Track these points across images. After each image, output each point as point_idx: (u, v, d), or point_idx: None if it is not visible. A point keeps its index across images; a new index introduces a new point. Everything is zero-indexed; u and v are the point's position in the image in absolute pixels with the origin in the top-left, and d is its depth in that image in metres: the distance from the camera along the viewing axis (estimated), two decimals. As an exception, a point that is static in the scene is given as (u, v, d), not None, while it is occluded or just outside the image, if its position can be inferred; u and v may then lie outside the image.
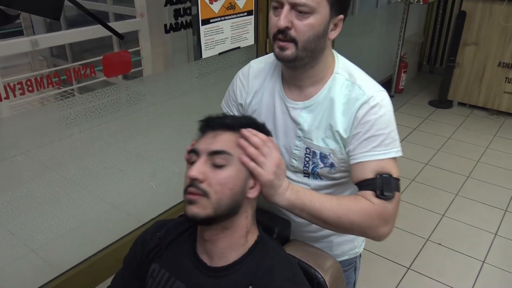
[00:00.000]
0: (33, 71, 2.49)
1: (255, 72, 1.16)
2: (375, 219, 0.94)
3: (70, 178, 1.94)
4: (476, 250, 2.48)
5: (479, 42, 4.19)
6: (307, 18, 0.94)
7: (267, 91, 1.12)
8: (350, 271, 1.34)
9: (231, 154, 0.86)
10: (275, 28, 0.96)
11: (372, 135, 0.98)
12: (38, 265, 1.95)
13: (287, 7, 0.94)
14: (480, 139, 3.84)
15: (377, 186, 0.94)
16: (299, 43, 0.95)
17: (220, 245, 0.89)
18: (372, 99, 1.00)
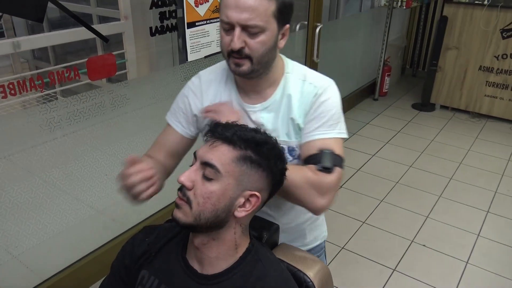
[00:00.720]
0: (15, 74, 2.44)
1: (206, 83, 1.17)
2: (313, 187, 1.01)
3: (53, 182, 1.91)
4: (459, 251, 2.52)
5: (460, 46, 4.27)
6: (259, 37, 0.99)
7: (224, 100, 1.15)
8: (322, 256, 1.45)
9: (219, 172, 0.82)
10: (228, 47, 1.01)
11: (316, 117, 1.08)
12: (21, 272, 1.91)
13: (238, 29, 0.98)
14: (462, 141, 3.91)
15: (318, 160, 1.04)
16: (254, 59, 1.02)
17: (209, 254, 0.88)
18: (321, 88, 1.10)
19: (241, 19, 0.97)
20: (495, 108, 4.29)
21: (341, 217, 2.80)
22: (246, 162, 0.83)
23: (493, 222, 2.80)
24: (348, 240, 2.59)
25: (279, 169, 0.87)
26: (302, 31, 3.30)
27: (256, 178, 0.84)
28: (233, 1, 0.97)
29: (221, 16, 1.00)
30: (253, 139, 0.84)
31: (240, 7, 0.96)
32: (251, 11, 0.96)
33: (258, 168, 0.84)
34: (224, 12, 0.98)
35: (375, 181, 3.23)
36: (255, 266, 0.88)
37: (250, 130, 0.87)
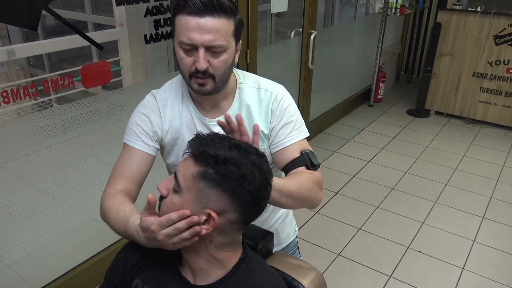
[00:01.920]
0: (10, 81, 2.44)
1: (162, 101, 1.17)
2: (316, 185, 1.09)
3: (47, 190, 1.90)
4: (455, 257, 2.52)
5: (454, 53, 4.31)
6: (221, 55, 1.02)
7: (184, 117, 1.15)
8: (297, 252, 1.46)
9: (180, 186, 0.82)
10: (190, 68, 1.02)
11: (285, 124, 1.15)
12: (14, 281, 1.90)
13: (202, 50, 1.00)
14: (457, 147, 3.92)
15: (306, 161, 1.11)
16: (217, 77, 1.04)
17: (194, 264, 0.88)
18: (278, 94, 1.16)
19: (205, 41, 0.98)
20: (490, 114, 4.32)
21: (336, 224, 2.79)
22: (205, 179, 0.79)
23: (489, 227, 2.80)
24: (343, 246, 2.58)
25: (248, 191, 0.80)
26: (297, 38, 3.31)
27: (215, 197, 0.79)
28: (195, 23, 0.98)
29: (180, 37, 1.00)
30: (216, 157, 0.79)
31: (203, 29, 0.98)
32: (215, 32, 0.99)
33: (218, 188, 0.79)
34: (185, 34, 0.99)
35: (371, 187, 3.23)
36: (249, 277, 0.88)
37: (225, 147, 0.81)
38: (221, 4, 0.99)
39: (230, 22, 1.01)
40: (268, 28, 3.72)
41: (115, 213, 0.99)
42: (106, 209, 1.03)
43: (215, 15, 0.99)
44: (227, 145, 0.82)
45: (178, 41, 1.02)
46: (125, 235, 0.96)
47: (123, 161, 1.14)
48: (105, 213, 1.03)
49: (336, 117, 4.36)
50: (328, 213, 2.89)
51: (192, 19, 0.98)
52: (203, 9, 0.98)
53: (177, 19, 1.01)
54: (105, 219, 1.04)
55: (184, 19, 0.99)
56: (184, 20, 0.99)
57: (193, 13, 0.98)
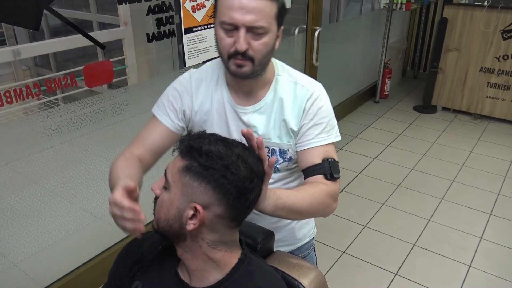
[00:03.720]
0: (16, 81, 2.46)
1: (196, 81, 1.16)
2: (331, 198, 1.07)
3: (52, 189, 1.91)
4: (462, 254, 2.50)
5: (461, 48, 4.26)
6: (262, 38, 1.00)
7: (215, 101, 1.14)
8: (312, 253, 1.44)
9: (168, 181, 0.83)
10: (230, 48, 1.00)
11: (315, 124, 1.11)
12: (20, 279, 1.91)
13: (243, 30, 0.98)
14: (464, 143, 3.89)
15: (326, 170, 1.08)
16: (256, 60, 1.02)
17: (190, 266, 0.88)
18: (315, 93, 1.12)
19: (247, 21, 0.96)
20: (497, 110, 4.27)
21: (342, 221, 2.78)
22: (189, 172, 0.80)
23: (496, 224, 2.77)
24: (349, 244, 2.57)
25: (231, 182, 0.79)
26: (301, 35, 3.29)
27: (200, 190, 0.80)
28: (237, 3, 0.96)
29: (221, 17, 0.98)
30: (199, 149, 0.81)
31: (245, 8, 0.96)
32: (257, 12, 0.96)
33: (202, 180, 0.80)
34: (227, 13, 0.97)
35: (376, 185, 3.21)
36: (248, 278, 0.87)
37: (211, 141, 0.82)
38: None
39: (273, 4, 0.99)
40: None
41: (114, 173, 1.03)
42: (112, 166, 1.06)
43: None
44: (213, 140, 0.83)
45: (219, 20, 1.00)
46: None
47: (147, 129, 1.16)
48: (110, 170, 1.06)
49: (342, 114, 4.34)
50: (334, 210, 2.87)
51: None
52: None
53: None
54: (109, 175, 1.06)
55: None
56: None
57: None
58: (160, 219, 0.85)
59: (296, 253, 1.35)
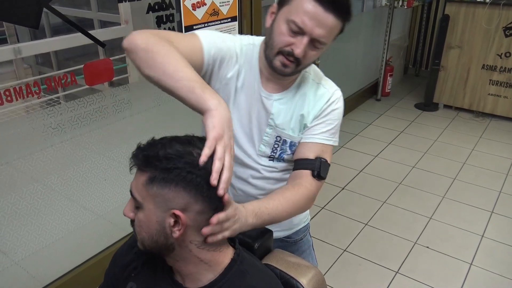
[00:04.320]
0: (18, 79, 2.46)
1: (246, 51, 1.12)
2: (310, 201, 1.11)
3: (53, 188, 1.91)
4: (463, 253, 2.50)
5: (463, 45, 4.24)
6: (318, 50, 1.03)
7: (251, 76, 1.12)
8: (308, 235, 1.46)
9: (138, 200, 0.80)
10: (285, 46, 1.00)
11: (324, 122, 1.14)
12: (22, 277, 1.91)
13: (307, 39, 0.99)
14: (466, 141, 3.88)
15: (315, 167, 1.10)
16: (301, 65, 1.04)
17: (184, 271, 0.87)
18: (334, 95, 1.16)
19: (315, 33, 0.98)
20: (499, 107, 4.26)
21: (343, 219, 2.78)
22: (155, 182, 0.77)
23: (498, 222, 2.77)
24: (350, 242, 2.57)
25: (200, 175, 0.78)
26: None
27: (172, 195, 0.77)
28: (314, 12, 0.96)
29: (293, 16, 0.97)
30: (157, 156, 0.78)
31: (319, 22, 0.97)
32: (328, 30, 0.98)
33: (170, 184, 0.77)
34: (301, 16, 0.97)
35: (378, 182, 3.21)
36: (241, 278, 0.86)
37: (165, 145, 0.79)
38: (346, 9, 0.99)
39: (340, 25, 1.01)
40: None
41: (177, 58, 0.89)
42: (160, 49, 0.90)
43: (337, 16, 0.98)
44: (166, 142, 0.80)
45: (288, 17, 0.99)
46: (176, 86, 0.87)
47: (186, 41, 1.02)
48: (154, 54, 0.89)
49: (343, 112, 4.33)
50: (334, 208, 2.87)
51: (317, 7, 0.96)
52: (331, 4, 0.97)
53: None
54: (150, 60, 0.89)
55: (304, 0, 0.97)
56: (307, 2, 0.97)
57: (320, 1, 0.96)
58: (144, 238, 0.82)
59: (293, 237, 1.38)
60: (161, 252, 0.84)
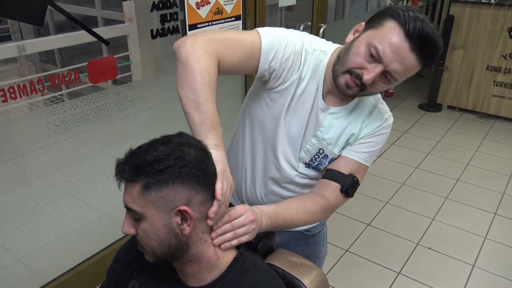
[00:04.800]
0: (22, 77, 2.46)
1: (314, 58, 1.07)
2: (328, 214, 1.12)
3: (56, 185, 1.91)
4: (466, 254, 2.49)
5: (467, 46, 4.23)
6: (388, 84, 1.00)
7: (313, 84, 1.08)
8: (325, 228, 1.48)
9: (137, 211, 0.78)
10: (356, 67, 0.98)
11: (369, 142, 1.12)
12: (24, 274, 1.92)
13: (381, 68, 0.96)
14: (470, 142, 3.86)
15: (346, 184, 1.10)
16: (365, 92, 1.02)
17: (188, 270, 0.87)
18: (385, 122, 1.14)
19: (391, 66, 0.95)
20: (503, 108, 4.24)
21: (345, 219, 2.77)
22: (151, 187, 0.77)
23: (501, 224, 2.76)
24: (352, 242, 2.57)
25: (193, 166, 0.78)
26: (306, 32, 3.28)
27: (172, 193, 0.77)
28: (399, 46, 0.93)
29: (377, 42, 0.95)
30: (144, 163, 0.77)
31: (400, 57, 0.94)
32: (405, 68, 0.95)
33: (167, 185, 0.77)
34: (384, 44, 0.94)
35: (380, 183, 3.20)
36: (243, 277, 0.86)
37: (147, 150, 0.78)
38: (432, 55, 0.95)
39: (418, 68, 0.98)
40: (278, 22, 3.69)
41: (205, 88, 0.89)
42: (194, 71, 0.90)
43: (420, 59, 0.95)
44: (148, 147, 0.79)
45: (371, 42, 0.96)
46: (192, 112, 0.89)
47: (243, 43, 0.99)
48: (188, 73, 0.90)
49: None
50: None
51: (404, 42, 0.93)
52: (419, 46, 0.93)
53: (388, 21, 0.95)
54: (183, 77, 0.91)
55: (394, 31, 0.94)
56: (393, 32, 0.94)
57: (407, 36, 0.92)
58: (154, 248, 0.81)
59: (313, 231, 1.37)
60: (175, 256, 0.83)
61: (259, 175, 1.20)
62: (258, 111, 1.13)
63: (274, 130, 1.12)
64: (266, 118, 1.11)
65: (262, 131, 1.14)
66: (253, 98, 1.15)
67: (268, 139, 1.14)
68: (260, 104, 1.12)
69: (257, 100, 1.13)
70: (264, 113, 1.11)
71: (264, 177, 1.19)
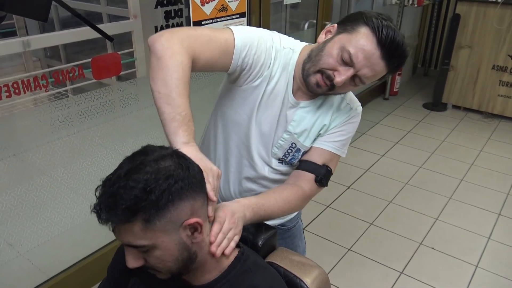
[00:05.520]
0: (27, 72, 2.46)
1: (284, 55, 1.09)
2: (304, 203, 1.14)
3: (59, 181, 1.92)
4: (469, 254, 2.48)
5: (473, 45, 4.20)
6: (355, 86, 1.04)
7: (282, 81, 1.10)
8: (300, 221, 1.47)
9: (145, 245, 0.75)
10: (328, 68, 1.01)
11: (338, 132, 1.15)
12: (27, 269, 1.93)
13: (352, 72, 0.99)
14: (474, 142, 3.84)
15: (320, 174, 1.13)
16: (333, 91, 1.05)
17: (192, 271, 0.87)
18: (353, 111, 1.18)
19: (362, 71, 0.99)
20: (509, 108, 4.21)
21: (348, 218, 2.77)
22: (153, 220, 0.72)
23: (505, 225, 2.74)
24: (354, 241, 2.56)
25: (184, 178, 0.75)
26: (311, 30, 3.27)
27: (176, 214, 0.74)
28: (371, 53, 0.97)
29: (350, 46, 0.97)
30: (137, 201, 0.70)
31: (371, 63, 0.98)
32: (374, 74, 1.00)
33: (168, 209, 0.73)
34: (356, 50, 0.97)
35: (384, 182, 3.19)
36: (244, 276, 0.86)
37: (126, 183, 0.71)
38: (399, 64, 1.00)
39: (384, 74, 1.02)
40: (283, 19, 3.68)
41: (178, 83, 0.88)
42: (168, 65, 0.89)
43: (388, 66, 0.99)
44: (125, 180, 0.71)
45: (345, 46, 0.98)
46: (162, 116, 0.88)
47: (217, 39, 0.99)
48: (162, 67, 0.89)
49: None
50: (340, 207, 2.86)
51: (376, 50, 0.97)
52: (390, 54, 0.97)
53: (362, 28, 0.98)
54: (156, 71, 0.90)
55: (367, 38, 0.97)
56: (366, 39, 0.97)
57: (379, 44, 0.96)
58: (171, 267, 0.80)
59: (287, 224, 1.38)
60: (188, 268, 0.83)
61: (233, 174, 1.21)
62: (230, 111, 1.14)
63: (247, 129, 1.13)
64: (239, 117, 1.12)
65: (235, 130, 1.15)
66: (223, 99, 1.16)
67: (242, 137, 1.15)
68: (231, 104, 1.13)
69: (228, 100, 1.14)
70: (236, 112, 1.12)
71: (238, 175, 1.20)
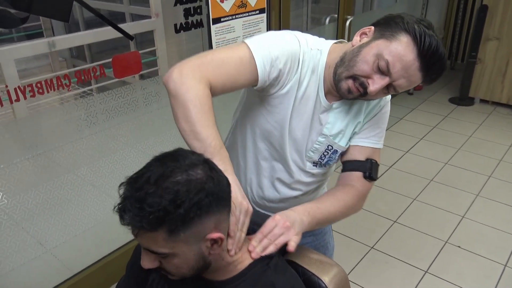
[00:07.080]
0: (53, 72, 2.53)
1: (312, 57, 1.04)
2: (361, 201, 1.13)
3: (84, 178, 1.96)
4: (497, 253, 2.40)
5: (501, 37, 4.06)
6: (388, 94, 1.02)
7: (313, 84, 1.06)
8: (330, 230, 1.47)
9: (165, 253, 0.75)
10: (362, 74, 0.97)
11: (374, 124, 1.14)
12: (53, 265, 1.98)
13: (388, 81, 0.95)
14: (503, 137, 3.72)
15: (367, 169, 1.11)
16: (365, 98, 1.02)
17: (210, 273, 0.87)
18: (384, 100, 1.15)
19: (398, 82, 0.96)
20: (540, 102, 4.06)
21: (371, 216, 2.73)
22: (177, 231, 0.72)
23: (535, 223, 2.65)
24: (378, 239, 2.52)
25: (212, 191, 0.74)
26: (333, 25, 3.23)
27: (201, 227, 0.74)
28: (409, 64, 0.93)
29: (387, 54, 0.93)
30: (164, 213, 0.69)
31: (408, 74, 0.94)
32: (410, 84, 0.97)
33: (195, 223, 0.73)
34: (394, 59, 0.93)
35: (408, 179, 3.13)
36: (263, 274, 0.86)
37: (154, 191, 0.70)
38: (436, 76, 0.96)
39: (419, 83, 0.99)
40: (304, 15, 3.65)
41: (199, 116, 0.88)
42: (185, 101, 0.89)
43: (425, 78, 0.96)
44: (155, 187, 0.71)
45: (382, 53, 0.94)
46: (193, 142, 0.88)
47: (231, 60, 0.96)
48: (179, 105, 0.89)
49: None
50: (363, 204, 2.82)
51: (415, 61, 0.92)
52: (429, 66, 0.93)
53: (402, 35, 0.93)
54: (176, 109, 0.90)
55: (407, 47, 0.92)
56: (406, 48, 0.92)
57: (419, 55, 0.92)
58: (184, 273, 0.81)
59: None
60: (201, 273, 0.84)
61: (266, 179, 1.19)
62: (260, 119, 1.09)
63: (280, 137, 1.09)
64: (269, 126, 1.09)
65: (266, 137, 1.11)
66: (250, 108, 1.12)
67: (275, 145, 1.11)
68: (261, 113, 1.09)
69: (256, 110, 1.10)
70: (267, 121, 1.09)
71: (271, 179, 1.18)
